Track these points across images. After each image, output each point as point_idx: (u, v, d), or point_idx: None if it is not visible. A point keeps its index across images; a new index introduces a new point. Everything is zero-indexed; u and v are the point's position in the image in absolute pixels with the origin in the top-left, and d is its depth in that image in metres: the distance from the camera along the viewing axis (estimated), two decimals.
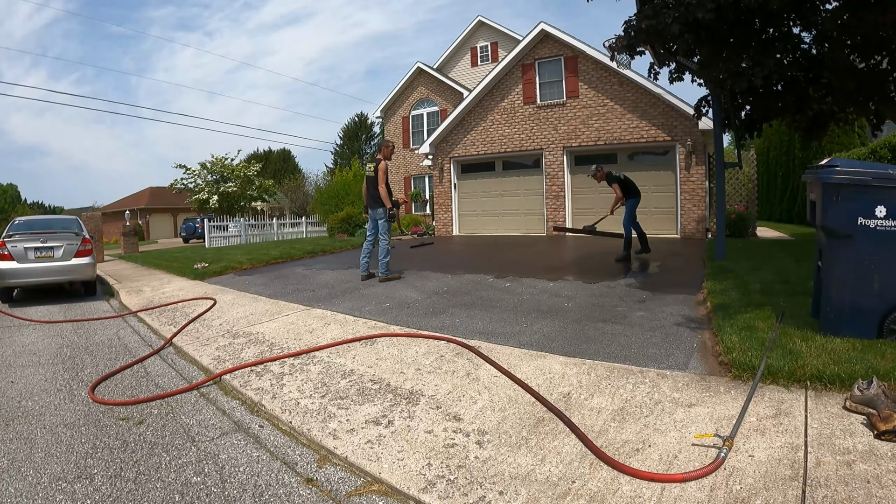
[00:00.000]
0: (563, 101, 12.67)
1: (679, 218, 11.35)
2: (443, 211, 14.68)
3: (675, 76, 6.81)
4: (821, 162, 3.39)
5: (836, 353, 2.90)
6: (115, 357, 4.31)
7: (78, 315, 6.27)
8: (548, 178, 12.89)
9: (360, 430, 2.56)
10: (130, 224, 18.22)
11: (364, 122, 42.22)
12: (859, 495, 1.76)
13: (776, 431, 2.24)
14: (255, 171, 22.78)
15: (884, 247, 3.01)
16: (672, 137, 11.27)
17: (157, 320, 5.52)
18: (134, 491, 2.13)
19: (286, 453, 2.47)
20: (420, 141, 18.31)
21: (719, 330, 3.54)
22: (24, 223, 8.42)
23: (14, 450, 2.55)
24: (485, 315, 4.72)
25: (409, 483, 2.07)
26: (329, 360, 3.67)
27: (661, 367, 3.14)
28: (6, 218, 25.38)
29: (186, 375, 3.75)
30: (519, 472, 2.09)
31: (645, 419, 2.46)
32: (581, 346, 3.69)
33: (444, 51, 20.54)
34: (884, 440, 2.10)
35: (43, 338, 5.11)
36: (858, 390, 2.38)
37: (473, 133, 14.05)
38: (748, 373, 2.82)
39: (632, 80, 11.49)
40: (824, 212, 3.14)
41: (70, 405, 3.17)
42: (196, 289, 7.29)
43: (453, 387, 3.04)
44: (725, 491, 1.85)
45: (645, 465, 2.07)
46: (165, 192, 33.74)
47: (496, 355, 3.50)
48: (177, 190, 22.90)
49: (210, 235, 17.85)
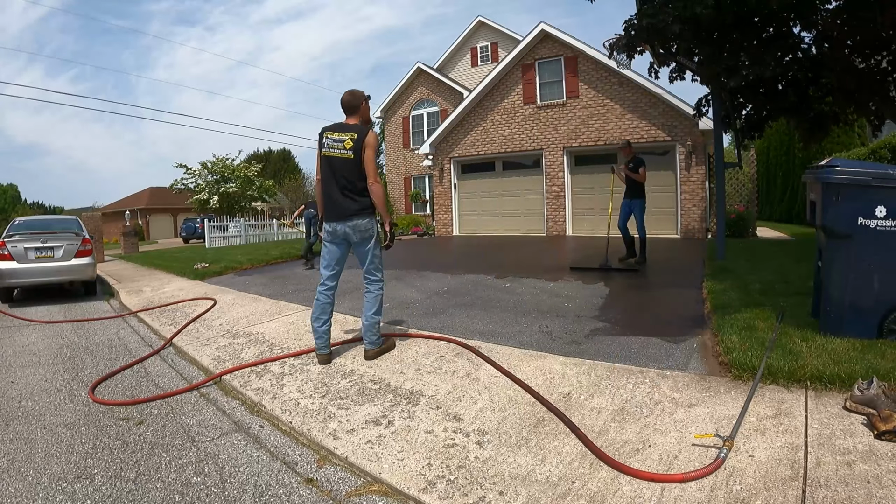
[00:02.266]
0: (563, 101, 12.67)
1: (679, 218, 11.35)
2: (443, 211, 14.68)
3: (675, 75, 6.81)
4: (821, 162, 3.40)
5: (836, 353, 2.90)
6: (115, 357, 4.31)
7: (78, 315, 6.27)
8: (548, 178, 12.89)
9: (360, 431, 2.56)
10: (130, 224, 18.23)
11: None
12: (859, 495, 1.76)
13: (776, 431, 2.24)
14: (256, 172, 22.79)
15: (884, 247, 3.01)
16: (672, 137, 11.27)
17: (158, 320, 5.52)
18: (134, 491, 2.13)
19: (286, 453, 2.47)
20: (420, 141, 18.31)
21: (719, 330, 3.53)
22: (24, 223, 8.42)
23: (14, 450, 2.55)
24: (485, 315, 4.72)
25: (409, 483, 2.07)
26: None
27: (661, 368, 3.14)
28: (6, 218, 25.39)
29: (186, 375, 3.75)
30: (519, 473, 2.09)
31: (645, 419, 2.46)
32: (581, 346, 3.69)
33: (445, 51, 20.56)
34: (884, 440, 2.10)
35: (43, 338, 5.10)
36: (858, 390, 2.38)
37: (473, 133, 14.05)
38: (748, 373, 2.82)
39: (632, 80, 11.49)
40: (824, 212, 3.14)
41: (70, 405, 3.17)
42: (196, 289, 7.29)
43: (453, 387, 3.04)
44: (725, 491, 1.85)
45: (645, 465, 2.06)
46: (165, 192, 33.75)
47: (496, 355, 3.50)
48: (177, 190, 22.91)
49: (210, 235, 17.85)
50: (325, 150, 3.46)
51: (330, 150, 3.44)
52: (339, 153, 3.41)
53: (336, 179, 3.42)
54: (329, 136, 3.45)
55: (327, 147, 3.45)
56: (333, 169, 3.43)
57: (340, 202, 3.42)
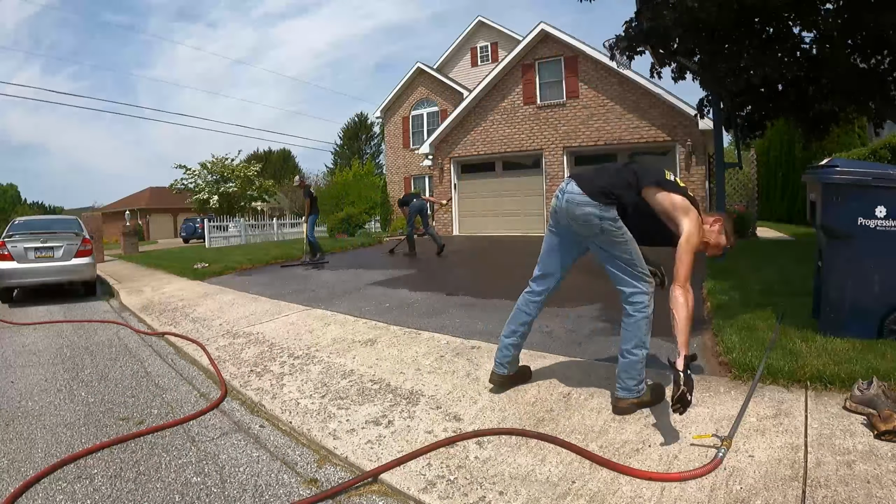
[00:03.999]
0: (563, 101, 12.67)
1: None
2: (443, 211, 14.69)
3: (676, 76, 6.81)
4: (821, 162, 3.39)
5: (836, 353, 2.90)
6: (115, 357, 4.31)
7: (78, 315, 6.27)
8: (548, 178, 12.89)
9: (360, 430, 2.56)
10: (130, 224, 18.25)
11: (364, 122, 42.19)
12: (859, 495, 1.76)
13: (776, 431, 2.24)
14: (256, 172, 22.78)
15: (884, 247, 3.00)
16: (672, 137, 11.28)
17: (158, 320, 5.52)
18: (134, 491, 2.13)
19: (286, 453, 2.47)
20: (420, 141, 18.31)
21: (719, 330, 3.53)
22: (25, 223, 8.42)
23: (14, 450, 2.55)
24: (485, 315, 4.72)
25: (409, 483, 2.07)
26: (329, 360, 3.67)
27: (661, 368, 3.14)
28: (6, 218, 25.35)
29: (186, 375, 3.75)
30: (519, 472, 2.09)
31: (645, 419, 2.46)
32: (581, 346, 3.69)
33: (445, 51, 20.57)
34: (884, 440, 2.09)
35: (43, 338, 5.10)
36: (858, 390, 2.38)
37: (473, 133, 14.05)
38: (748, 373, 2.82)
39: (632, 80, 11.49)
40: (824, 212, 3.13)
41: (70, 405, 3.17)
42: (196, 289, 7.29)
43: (453, 387, 3.04)
44: (725, 491, 1.85)
45: (645, 465, 2.06)
46: (165, 193, 33.72)
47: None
48: (177, 190, 22.90)
49: (210, 236, 17.86)
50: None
51: None
52: None
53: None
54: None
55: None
56: None
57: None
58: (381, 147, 37.36)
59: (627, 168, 2.59)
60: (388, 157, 21.17)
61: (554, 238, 2.73)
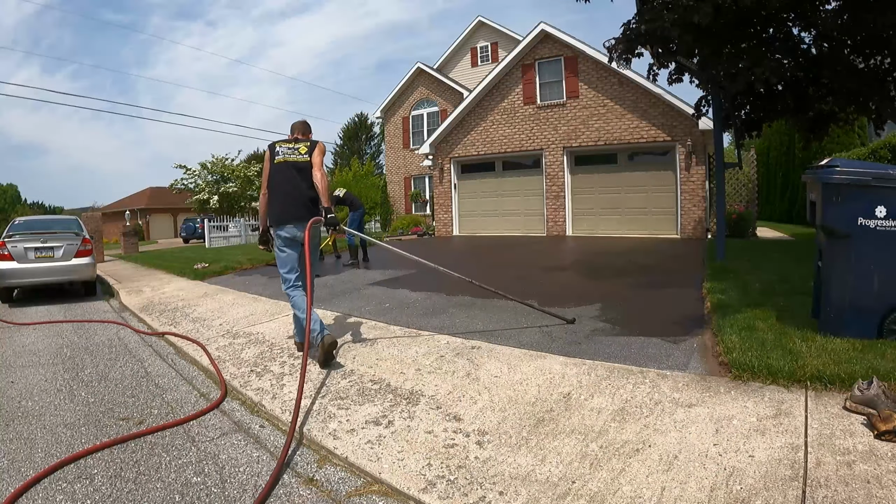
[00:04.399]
0: (563, 101, 12.66)
1: (679, 218, 11.34)
2: (443, 211, 14.68)
3: (675, 77, 6.81)
4: (821, 162, 3.39)
5: (836, 353, 2.90)
6: (115, 357, 4.31)
7: (78, 315, 6.27)
8: (548, 178, 12.89)
9: (361, 431, 2.56)
10: (130, 224, 18.25)
11: (364, 122, 42.17)
12: (859, 496, 1.76)
13: (776, 431, 2.24)
14: (256, 172, 22.78)
15: (884, 247, 3.01)
16: (672, 137, 11.27)
17: (158, 320, 5.52)
18: (134, 491, 2.13)
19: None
20: (420, 141, 18.30)
21: (719, 330, 3.53)
22: (25, 223, 8.43)
23: (14, 450, 2.55)
24: (485, 315, 4.72)
25: (409, 483, 2.07)
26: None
27: (661, 368, 3.14)
28: (6, 218, 25.36)
29: (186, 375, 3.75)
30: (519, 473, 2.09)
31: (645, 419, 2.46)
32: (581, 346, 3.69)
33: (445, 51, 20.56)
34: (884, 440, 2.10)
35: (43, 338, 5.10)
36: (858, 390, 2.38)
37: (473, 133, 14.05)
38: (748, 373, 2.82)
39: (632, 81, 11.49)
40: (824, 212, 3.13)
41: (70, 405, 3.17)
42: (196, 289, 7.29)
43: (453, 387, 3.04)
44: (725, 491, 1.85)
45: (645, 465, 2.07)
46: (165, 193, 33.75)
47: (496, 355, 3.50)
48: (177, 190, 22.94)
49: (210, 236, 17.87)
50: (284, 155, 3.84)
51: (287, 156, 3.85)
52: (296, 157, 3.81)
53: (292, 182, 3.81)
54: (284, 146, 3.89)
55: (283, 153, 3.86)
56: (288, 175, 3.80)
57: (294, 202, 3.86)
58: (381, 147, 37.31)
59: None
60: (388, 158, 21.16)
61: None
